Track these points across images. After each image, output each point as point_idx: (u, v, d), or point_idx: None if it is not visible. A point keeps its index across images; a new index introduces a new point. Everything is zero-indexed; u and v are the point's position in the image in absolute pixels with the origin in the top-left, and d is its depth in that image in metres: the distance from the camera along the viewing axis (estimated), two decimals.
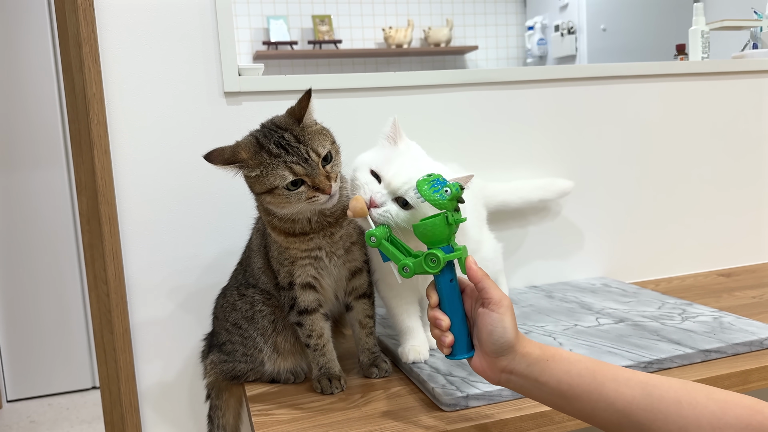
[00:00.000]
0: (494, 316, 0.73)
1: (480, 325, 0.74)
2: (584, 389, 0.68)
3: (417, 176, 0.85)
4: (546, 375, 0.70)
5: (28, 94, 2.89)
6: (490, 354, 0.73)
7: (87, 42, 1.12)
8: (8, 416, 2.84)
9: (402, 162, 0.89)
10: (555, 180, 1.38)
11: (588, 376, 0.69)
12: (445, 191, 0.76)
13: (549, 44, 4.34)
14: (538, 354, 0.72)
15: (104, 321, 1.20)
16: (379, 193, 0.86)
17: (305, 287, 0.95)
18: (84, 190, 1.18)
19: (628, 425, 0.66)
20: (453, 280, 0.78)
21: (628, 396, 0.66)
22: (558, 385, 0.70)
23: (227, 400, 1.09)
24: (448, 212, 0.76)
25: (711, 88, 1.53)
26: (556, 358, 0.71)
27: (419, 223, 0.77)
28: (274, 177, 0.84)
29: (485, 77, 1.35)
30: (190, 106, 1.18)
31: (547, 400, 0.72)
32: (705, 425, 0.63)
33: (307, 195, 0.85)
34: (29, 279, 2.96)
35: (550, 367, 0.71)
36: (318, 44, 4.18)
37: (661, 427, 0.64)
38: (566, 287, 1.39)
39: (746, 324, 1.08)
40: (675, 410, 0.64)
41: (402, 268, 0.78)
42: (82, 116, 1.16)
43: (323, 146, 0.87)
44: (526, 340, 0.74)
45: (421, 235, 0.77)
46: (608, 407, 0.67)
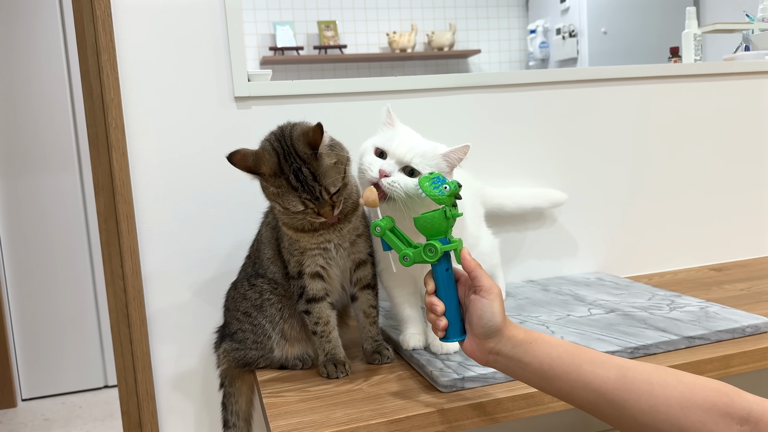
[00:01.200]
0: (484, 302, 0.79)
1: (471, 310, 0.81)
2: (563, 370, 0.74)
3: (418, 146, 0.95)
4: (529, 356, 0.76)
5: (41, 100, 2.96)
6: (479, 336, 0.80)
7: (105, 50, 1.19)
8: (23, 414, 2.91)
9: (402, 137, 0.98)
10: (549, 190, 1.45)
11: (567, 358, 0.75)
12: (445, 188, 0.84)
13: (551, 47, 4.40)
14: (522, 337, 0.78)
15: (121, 315, 1.26)
16: (387, 164, 0.95)
17: (314, 276, 1.02)
18: (102, 191, 1.25)
19: (604, 404, 0.71)
20: (449, 269, 0.85)
21: (603, 377, 0.72)
22: (540, 365, 0.76)
23: (240, 387, 1.15)
24: (446, 207, 0.83)
25: (704, 90, 1.59)
26: (538, 341, 0.77)
27: (420, 216, 0.84)
28: (286, 201, 0.93)
29: (486, 80, 1.41)
30: (203, 110, 1.25)
31: (530, 380, 0.78)
32: (674, 404, 0.68)
33: (311, 216, 0.95)
34: (42, 281, 3.03)
35: (533, 349, 0.77)
36: (323, 49, 4.25)
37: (633, 406, 0.70)
38: (562, 281, 1.45)
39: (730, 313, 1.14)
40: (647, 390, 0.69)
41: (402, 257, 0.85)
42: (100, 121, 1.22)
43: (335, 185, 0.94)
44: (513, 324, 0.81)
45: (421, 227, 0.84)
46: (585, 386, 0.73)
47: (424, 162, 0.96)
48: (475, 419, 0.90)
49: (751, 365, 1.02)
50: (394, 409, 0.89)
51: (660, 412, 0.68)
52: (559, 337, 0.79)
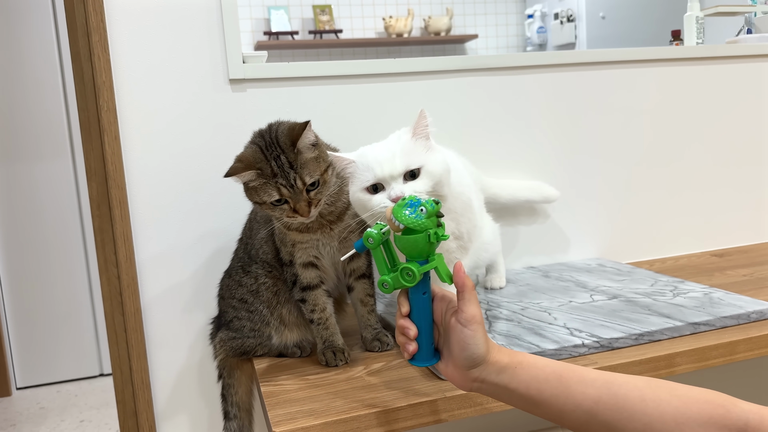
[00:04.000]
0: (467, 332, 0.73)
1: (453, 339, 0.75)
2: (552, 393, 0.71)
3: (392, 152, 0.90)
4: (515, 382, 0.73)
5: (32, 86, 2.92)
6: (461, 366, 0.75)
7: (96, 31, 1.16)
8: (18, 403, 2.90)
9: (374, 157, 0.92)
10: (543, 185, 1.43)
11: (555, 380, 0.71)
12: (421, 210, 0.75)
13: (548, 32, 4.36)
14: (506, 362, 0.74)
15: (115, 303, 1.24)
16: (394, 191, 0.89)
17: (306, 266, 1.01)
18: (94, 176, 1.22)
19: (596, 425, 0.68)
20: (426, 293, 0.77)
21: (594, 396, 0.69)
22: (527, 390, 0.72)
23: (239, 377, 1.13)
24: (429, 231, 0.75)
25: (706, 73, 1.56)
26: (523, 365, 0.73)
27: (401, 237, 0.75)
28: (265, 193, 0.92)
29: (484, 63, 1.39)
30: (197, 93, 1.22)
31: (518, 405, 0.74)
32: (669, 421, 0.65)
33: (287, 213, 0.93)
34: (36, 269, 3.00)
35: (518, 374, 0.73)
36: (319, 34, 4.21)
37: (626, 425, 0.67)
38: (563, 267, 1.43)
39: (735, 299, 1.12)
40: (640, 408, 0.67)
41: (381, 284, 0.77)
42: (92, 104, 1.19)
43: (311, 175, 0.92)
44: (496, 347, 0.76)
45: (402, 248, 0.76)
46: (576, 408, 0.69)
47: (410, 157, 0.91)
48: (477, 407, 0.88)
49: (757, 351, 1.00)
50: (394, 397, 0.87)
51: (655, 429, 0.65)
52: (545, 359, 0.75)
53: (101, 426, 2.63)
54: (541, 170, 1.45)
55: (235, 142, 1.23)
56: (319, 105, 1.29)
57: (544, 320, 1.07)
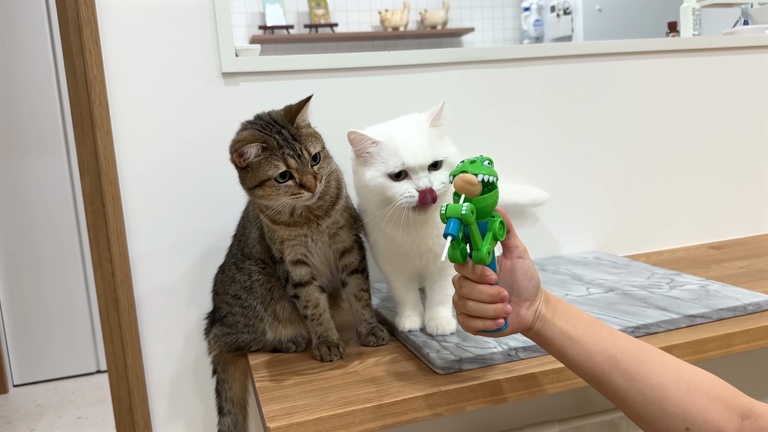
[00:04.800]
0: (527, 262, 0.79)
1: (517, 274, 0.78)
2: (585, 332, 0.76)
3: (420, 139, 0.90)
4: (557, 314, 0.78)
5: (27, 82, 2.90)
6: (529, 298, 0.78)
7: (87, 25, 1.14)
8: (15, 400, 2.89)
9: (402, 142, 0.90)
10: (531, 188, 1.42)
11: (588, 322, 0.77)
12: (488, 163, 0.77)
13: (545, 25, 4.35)
14: (549, 294, 0.81)
15: (109, 299, 1.23)
16: (422, 181, 0.88)
17: (296, 263, 1.00)
18: (87, 172, 1.21)
19: (617, 374, 0.72)
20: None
21: (620, 345, 0.74)
22: (565, 324, 0.77)
23: (233, 373, 1.13)
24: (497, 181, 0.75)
25: (702, 65, 1.56)
26: (562, 302, 0.80)
27: (489, 195, 0.74)
28: (271, 166, 0.89)
29: (480, 56, 1.38)
30: (189, 86, 1.20)
31: (554, 343, 0.77)
32: (683, 386, 0.69)
33: (293, 190, 0.90)
34: (32, 265, 2.99)
35: (560, 308, 0.79)
36: (314, 28, 4.19)
37: (644, 379, 0.71)
38: (559, 261, 1.42)
39: (731, 291, 1.12)
40: (659, 367, 0.71)
41: (487, 252, 0.74)
42: (84, 99, 1.18)
43: (314, 147, 0.92)
44: None
45: (490, 206, 0.75)
46: (602, 352, 0.74)
47: (435, 148, 0.91)
48: (473, 401, 0.88)
49: (753, 344, 1.00)
50: (390, 391, 0.87)
51: (668, 390, 0.69)
52: None
53: (98, 423, 2.62)
54: (538, 162, 1.45)
55: (227, 136, 1.21)
56: (314, 99, 1.27)
57: None
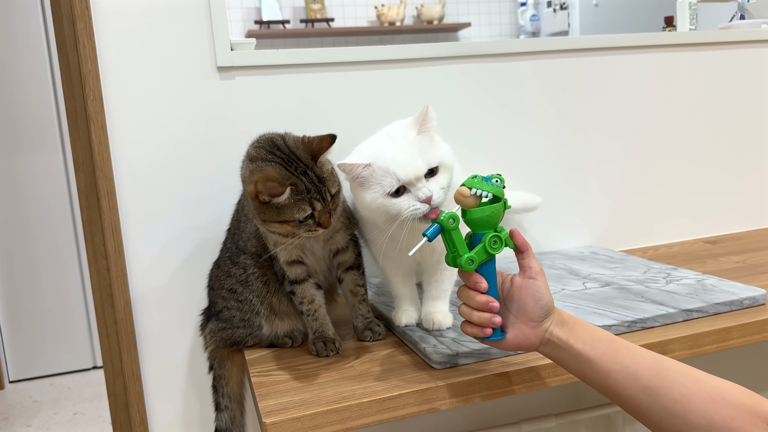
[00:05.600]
0: (539, 284, 0.79)
1: (525, 296, 0.79)
2: (603, 351, 0.76)
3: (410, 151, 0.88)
4: (573, 336, 0.78)
5: (21, 77, 2.89)
6: (537, 319, 0.79)
7: (81, 19, 1.13)
8: (11, 396, 2.89)
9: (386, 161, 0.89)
10: (524, 193, 1.39)
11: (606, 341, 0.77)
12: (496, 181, 0.80)
13: (541, 20, 4.34)
14: (567, 317, 0.80)
15: (105, 295, 1.23)
16: (421, 192, 0.87)
17: (292, 263, 1.00)
18: (81, 167, 1.20)
19: (638, 390, 0.73)
20: (494, 264, 0.81)
21: (640, 362, 0.74)
22: (582, 345, 0.77)
23: (230, 368, 1.12)
24: (505, 199, 0.80)
25: (699, 59, 1.55)
26: (580, 323, 0.80)
27: (482, 209, 0.79)
28: (297, 210, 0.89)
29: (477, 50, 1.37)
30: (184, 81, 1.20)
31: (572, 362, 0.78)
32: (705, 397, 0.69)
33: (311, 228, 0.91)
34: (28, 261, 2.98)
35: (576, 329, 0.79)
36: (310, 23, 4.17)
37: (666, 394, 0.71)
38: (555, 255, 1.42)
39: (728, 285, 1.12)
40: (680, 380, 0.71)
41: (466, 262, 0.78)
42: (78, 93, 1.18)
43: (334, 187, 0.93)
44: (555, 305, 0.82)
45: (481, 220, 0.79)
46: (622, 370, 0.74)
47: (427, 155, 0.89)
48: (470, 396, 0.87)
49: (749, 338, 1.00)
50: (386, 386, 0.86)
51: (692, 402, 0.69)
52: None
53: (94, 418, 2.62)
54: (534, 157, 1.44)
55: (222, 130, 1.22)
56: (310, 93, 1.27)
57: None
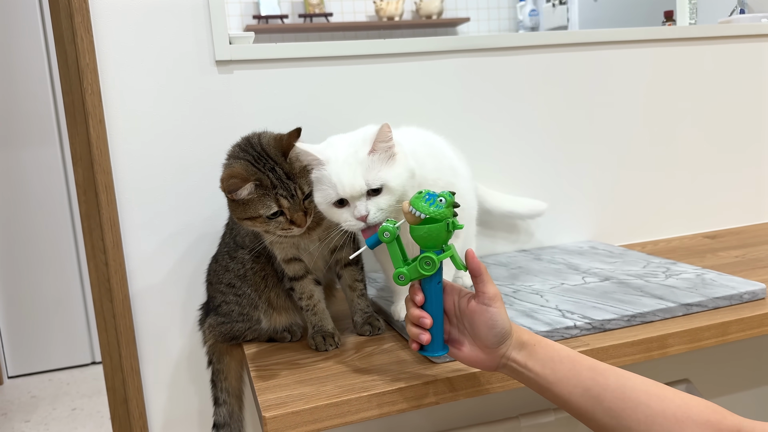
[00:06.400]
0: (492, 311, 0.77)
1: (478, 321, 0.78)
2: (564, 374, 0.74)
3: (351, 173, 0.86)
4: (533, 359, 0.76)
5: (19, 72, 2.88)
6: (490, 346, 0.78)
7: (79, 12, 1.13)
8: (9, 392, 2.88)
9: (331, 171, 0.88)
10: (531, 200, 1.39)
11: (568, 363, 0.75)
12: (441, 201, 0.77)
13: (540, 15, 4.33)
14: (526, 339, 0.78)
15: (103, 289, 1.22)
16: (357, 212, 0.87)
17: (289, 261, 1.00)
18: (80, 161, 1.20)
19: (600, 412, 0.71)
20: (440, 282, 0.80)
21: (602, 383, 0.72)
22: (542, 369, 0.76)
23: (228, 363, 1.12)
24: (448, 220, 0.78)
25: (698, 54, 1.55)
26: (541, 344, 0.78)
27: (418, 228, 0.77)
28: (263, 205, 0.89)
29: (476, 44, 1.37)
30: (182, 74, 1.19)
31: (533, 383, 0.77)
32: (670, 417, 0.68)
33: (283, 226, 0.90)
34: (26, 256, 2.97)
35: (537, 352, 0.77)
36: (309, 17, 4.16)
37: (630, 415, 0.70)
38: (554, 250, 1.42)
39: (727, 280, 1.12)
40: (644, 400, 0.70)
41: (397, 276, 0.79)
42: (76, 87, 1.17)
43: (308, 185, 0.91)
44: (515, 325, 0.80)
45: (420, 239, 0.78)
46: (584, 393, 0.72)
47: (371, 174, 0.87)
48: (468, 390, 0.87)
49: (749, 332, 1.00)
50: (386, 380, 0.86)
51: (656, 423, 0.68)
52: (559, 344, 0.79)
53: (93, 414, 2.62)
54: (533, 151, 1.44)
55: (221, 124, 1.22)
56: (308, 87, 1.27)
57: (536, 302, 1.06)
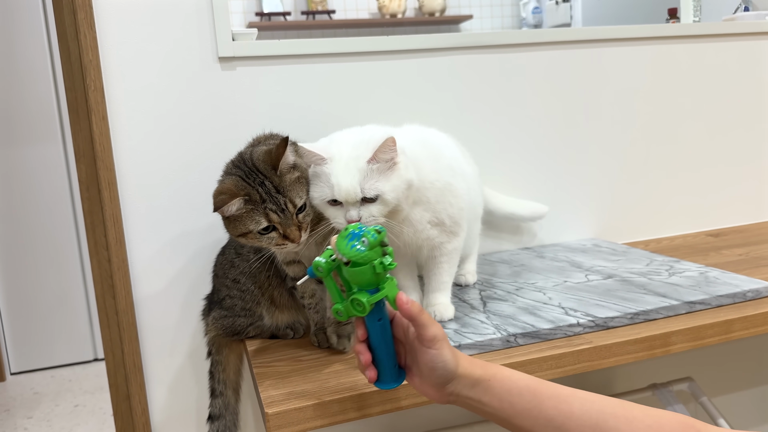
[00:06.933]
0: (432, 352, 0.73)
1: (420, 360, 0.74)
2: (524, 407, 0.70)
3: (350, 179, 0.85)
4: (488, 395, 0.72)
5: (21, 69, 2.87)
6: (434, 384, 0.74)
7: (82, 9, 1.13)
8: (12, 388, 2.89)
9: (331, 171, 0.88)
10: (532, 203, 1.39)
11: (528, 394, 0.71)
12: (363, 242, 0.72)
13: (544, 13, 4.32)
14: (479, 374, 0.73)
15: (106, 285, 1.22)
16: (349, 215, 0.87)
17: (289, 263, 1.00)
18: (83, 158, 1.20)
19: None
20: (382, 319, 0.75)
21: (566, 411, 0.68)
22: (500, 404, 0.72)
23: (227, 355, 1.13)
24: (374, 261, 0.72)
25: (702, 51, 1.55)
26: (497, 378, 0.73)
27: (347, 269, 0.73)
28: (252, 221, 0.86)
29: (479, 41, 1.36)
30: (185, 71, 1.19)
31: (492, 418, 0.74)
32: None
33: (276, 241, 0.88)
34: (29, 253, 2.98)
35: (492, 387, 0.72)
36: (311, 15, 4.16)
37: None
38: (557, 248, 1.42)
39: (731, 278, 1.12)
40: (613, 424, 0.66)
41: (336, 312, 0.75)
42: (79, 84, 1.17)
43: (300, 197, 0.89)
44: (467, 360, 0.75)
45: (350, 278, 0.74)
46: (547, 424, 0.69)
47: (368, 183, 0.86)
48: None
49: (752, 330, 1.00)
50: None
51: None
52: (519, 372, 0.75)
53: (95, 410, 2.62)
54: (536, 149, 1.44)
55: (224, 121, 1.22)
56: (312, 84, 1.27)
57: (539, 300, 1.06)
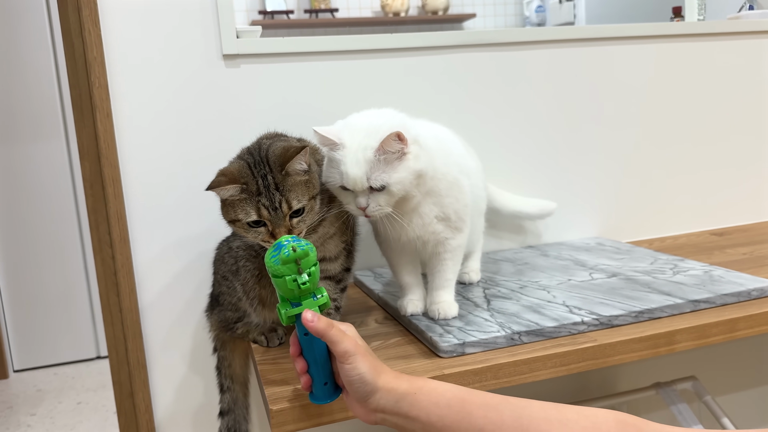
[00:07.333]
0: (347, 367, 0.72)
1: (342, 375, 0.74)
2: (453, 419, 0.68)
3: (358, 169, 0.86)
4: (415, 409, 0.70)
5: (24, 66, 2.88)
6: (358, 400, 0.74)
7: (86, 5, 1.13)
8: (15, 386, 2.90)
9: (342, 157, 0.88)
10: (540, 200, 1.39)
11: (456, 405, 0.69)
12: (286, 252, 0.73)
13: (547, 11, 4.32)
14: (405, 388, 0.72)
15: (110, 283, 1.22)
16: (358, 202, 0.88)
17: None
18: (87, 155, 1.20)
19: None
20: (307, 334, 0.75)
21: (497, 421, 0.66)
22: (428, 417, 0.69)
23: (233, 350, 1.13)
24: (286, 276, 0.73)
25: (707, 50, 1.54)
26: (423, 390, 0.71)
27: (273, 279, 0.75)
28: (242, 210, 0.84)
29: (482, 39, 1.36)
30: (189, 68, 1.19)
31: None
32: None
33: (263, 238, 0.86)
34: (32, 251, 2.98)
35: (419, 400, 0.71)
36: (314, 13, 4.16)
37: None
38: (561, 246, 1.42)
39: (735, 276, 1.11)
40: (545, 428, 0.64)
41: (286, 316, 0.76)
42: (83, 80, 1.17)
43: (299, 200, 0.85)
44: (391, 374, 0.74)
45: (276, 287, 0.75)
46: None
47: (375, 174, 0.87)
48: (477, 384, 0.87)
49: (757, 329, 0.99)
50: None
51: None
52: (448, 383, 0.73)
53: (98, 408, 2.63)
54: (540, 147, 1.44)
55: (228, 118, 1.22)
56: (315, 81, 1.27)
57: (543, 298, 1.06)
